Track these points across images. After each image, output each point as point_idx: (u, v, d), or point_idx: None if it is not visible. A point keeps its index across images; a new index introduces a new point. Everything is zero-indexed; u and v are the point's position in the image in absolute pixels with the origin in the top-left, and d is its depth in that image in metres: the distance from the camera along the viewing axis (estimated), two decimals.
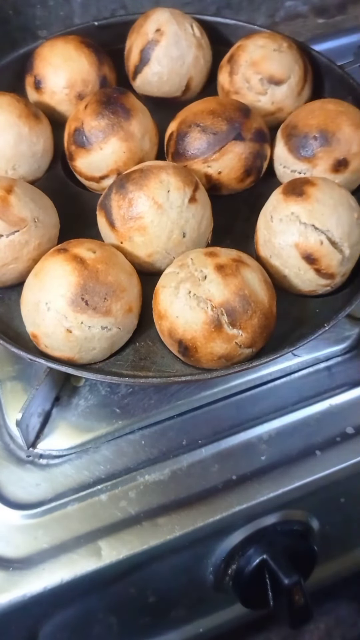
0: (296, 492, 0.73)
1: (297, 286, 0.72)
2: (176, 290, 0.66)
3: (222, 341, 0.64)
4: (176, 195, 0.70)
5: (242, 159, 0.79)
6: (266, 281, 0.68)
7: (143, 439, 0.77)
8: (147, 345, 0.71)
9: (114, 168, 0.79)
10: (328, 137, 0.77)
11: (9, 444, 0.76)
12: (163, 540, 0.69)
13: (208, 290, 0.65)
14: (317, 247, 0.68)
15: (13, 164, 0.81)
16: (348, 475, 0.75)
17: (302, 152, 0.78)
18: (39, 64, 0.87)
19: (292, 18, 1.32)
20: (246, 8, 1.25)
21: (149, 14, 0.90)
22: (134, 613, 0.78)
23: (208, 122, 0.78)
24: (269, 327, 0.67)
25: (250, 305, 0.65)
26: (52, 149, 0.86)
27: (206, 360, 0.66)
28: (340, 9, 1.33)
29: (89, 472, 0.74)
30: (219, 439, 0.76)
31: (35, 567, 0.68)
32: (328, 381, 0.81)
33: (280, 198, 0.71)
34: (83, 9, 1.14)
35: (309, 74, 0.89)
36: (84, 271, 0.66)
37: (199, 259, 0.68)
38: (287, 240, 0.69)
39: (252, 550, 0.73)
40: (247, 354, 0.66)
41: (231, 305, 0.64)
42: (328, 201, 0.69)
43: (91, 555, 0.68)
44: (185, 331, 0.65)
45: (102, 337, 0.66)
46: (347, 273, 0.72)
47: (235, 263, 0.67)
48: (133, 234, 0.71)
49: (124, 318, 0.67)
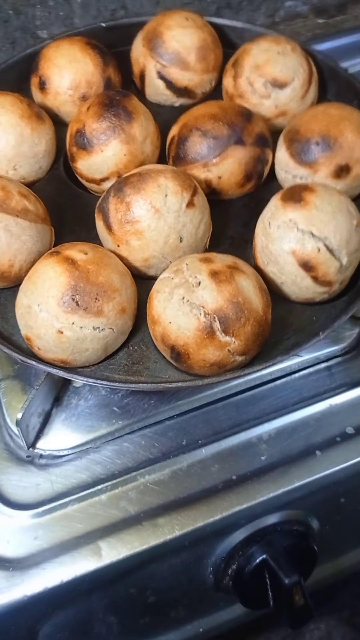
0: (296, 492, 0.73)
1: (294, 294, 0.72)
2: (170, 296, 0.66)
3: (215, 348, 0.64)
4: (174, 200, 0.70)
5: (242, 164, 0.78)
6: (261, 288, 0.68)
7: (143, 439, 0.77)
8: (140, 350, 0.70)
9: (115, 171, 0.78)
10: (330, 143, 0.76)
11: (9, 444, 0.76)
12: (163, 540, 0.69)
13: (201, 296, 0.64)
14: (315, 255, 0.68)
15: (14, 165, 0.81)
16: (348, 475, 0.75)
17: (303, 157, 0.78)
18: (44, 65, 0.87)
19: (292, 18, 1.32)
20: (246, 8, 1.25)
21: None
22: (134, 613, 0.78)
23: (209, 126, 0.78)
24: (263, 334, 0.67)
25: (243, 312, 0.64)
26: (55, 150, 0.86)
27: (198, 366, 0.66)
28: (340, 9, 1.34)
29: (89, 472, 0.74)
30: (219, 439, 0.76)
31: (35, 567, 0.68)
32: (328, 381, 0.81)
33: (278, 204, 0.71)
34: (83, 9, 1.14)
35: (313, 77, 0.88)
36: (74, 272, 0.66)
37: (194, 264, 0.67)
38: (284, 247, 0.69)
39: (252, 550, 0.73)
40: (240, 361, 0.66)
41: (224, 312, 0.64)
42: (326, 208, 0.68)
43: (91, 555, 0.68)
44: (178, 337, 0.65)
45: (95, 338, 0.66)
46: (346, 280, 0.72)
47: (230, 270, 0.66)
48: (130, 238, 0.71)
49: (116, 319, 0.67)
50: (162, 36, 0.88)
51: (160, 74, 0.89)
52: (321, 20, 1.33)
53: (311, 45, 1.25)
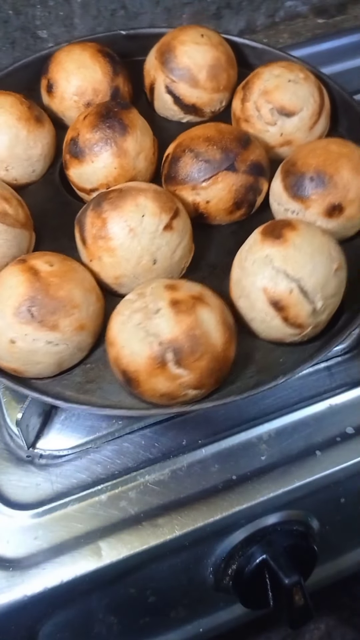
0: (296, 492, 0.73)
1: (264, 332, 0.69)
2: (128, 319, 0.64)
3: (165, 379, 0.62)
4: (150, 221, 0.68)
5: (232, 191, 0.76)
6: (224, 323, 0.64)
7: (143, 439, 0.77)
8: (97, 369, 0.69)
9: (104, 183, 0.77)
10: (325, 180, 0.73)
11: (9, 444, 0.76)
12: (163, 540, 0.69)
13: (158, 324, 0.62)
14: (286, 295, 0.65)
15: (6, 166, 0.81)
16: (348, 475, 0.75)
17: (297, 191, 0.74)
18: (53, 68, 0.87)
19: (292, 18, 1.32)
20: (246, 8, 1.25)
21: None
22: (134, 613, 0.78)
23: (202, 149, 0.76)
24: (221, 371, 0.64)
25: (199, 346, 0.61)
26: (52, 155, 0.85)
27: (148, 395, 0.64)
28: (340, 9, 1.34)
29: (89, 472, 0.74)
30: (219, 439, 0.76)
31: (35, 567, 0.68)
32: (328, 381, 0.81)
33: (257, 238, 0.68)
34: (83, 9, 1.14)
35: (324, 108, 0.85)
36: (35, 283, 0.64)
37: (158, 290, 0.65)
38: (257, 284, 0.66)
39: (252, 550, 0.73)
40: (194, 395, 0.64)
41: (179, 343, 0.61)
42: (305, 248, 0.65)
43: (91, 555, 0.68)
44: (129, 363, 0.63)
45: (48, 352, 0.65)
46: (321, 325, 0.68)
47: (193, 300, 0.63)
48: (102, 254, 0.70)
49: (72, 335, 0.66)
50: (175, 51, 0.87)
51: (168, 89, 0.88)
52: (321, 20, 1.33)
53: (311, 45, 1.25)
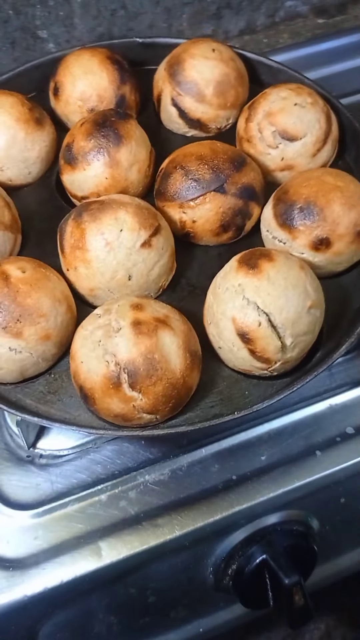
0: (296, 492, 0.73)
1: (231, 361, 0.67)
2: (90, 335, 0.63)
3: (119, 400, 0.61)
4: (128, 236, 0.68)
5: (219, 213, 0.74)
6: (187, 349, 0.63)
7: (143, 439, 0.77)
8: (60, 380, 0.69)
9: (95, 192, 0.77)
10: (314, 211, 0.70)
11: (9, 444, 0.76)
12: (163, 540, 0.69)
13: (116, 344, 0.61)
14: (254, 328, 0.63)
15: (1, 166, 0.81)
16: (348, 475, 0.75)
17: (285, 220, 0.72)
18: (61, 71, 0.87)
19: (292, 18, 1.32)
20: (246, 8, 1.25)
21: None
22: (134, 613, 0.78)
23: (193, 167, 0.74)
24: (178, 398, 0.63)
25: (156, 370, 0.60)
26: (51, 158, 0.85)
27: (103, 414, 0.63)
28: (340, 9, 1.34)
29: (89, 472, 0.74)
30: (219, 439, 0.76)
31: (35, 567, 0.68)
32: (328, 381, 0.81)
33: (234, 266, 0.67)
34: (83, 9, 1.14)
35: (330, 136, 0.82)
36: (3, 289, 0.64)
37: (123, 308, 0.64)
38: (226, 312, 0.64)
39: (252, 550, 0.73)
40: (148, 419, 0.63)
41: (135, 366, 0.60)
42: (280, 282, 0.63)
43: (91, 555, 0.68)
44: (86, 379, 0.62)
45: (10, 358, 0.65)
46: (291, 361, 0.66)
47: (156, 323, 0.62)
48: (78, 265, 0.69)
49: (37, 344, 0.65)
50: (184, 63, 0.85)
51: (174, 101, 0.87)
52: (321, 20, 1.33)
53: (311, 45, 1.24)
